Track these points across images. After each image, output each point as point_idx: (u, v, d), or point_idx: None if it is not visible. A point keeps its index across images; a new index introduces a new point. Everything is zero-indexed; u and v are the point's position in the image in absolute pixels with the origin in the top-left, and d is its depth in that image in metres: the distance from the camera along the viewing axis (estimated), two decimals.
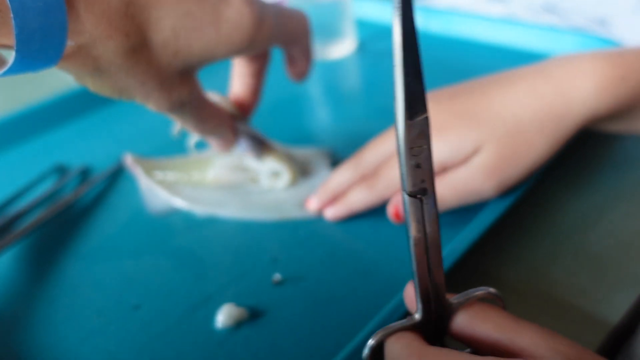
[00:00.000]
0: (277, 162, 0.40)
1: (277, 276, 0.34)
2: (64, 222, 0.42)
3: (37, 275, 0.37)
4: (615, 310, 0.30)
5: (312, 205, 0.39)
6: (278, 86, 0.59)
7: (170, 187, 0.43)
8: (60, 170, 0.49)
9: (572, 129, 0.33)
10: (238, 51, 0.30)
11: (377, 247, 0.36)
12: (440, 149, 0.33)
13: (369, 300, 0.32)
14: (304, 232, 0.38)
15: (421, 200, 0.21)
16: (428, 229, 0.21)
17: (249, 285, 0.34)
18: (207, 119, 0.34)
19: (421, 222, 0.21)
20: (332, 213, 0.38)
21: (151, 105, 0.30)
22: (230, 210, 0.40)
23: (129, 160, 0.45)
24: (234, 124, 0.38)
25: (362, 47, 0.68)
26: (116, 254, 0.38)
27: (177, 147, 0.50)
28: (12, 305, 0.35)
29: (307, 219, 0.39)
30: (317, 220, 0.39)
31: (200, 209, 0.41)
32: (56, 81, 0.80)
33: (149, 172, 0.44)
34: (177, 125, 0.40)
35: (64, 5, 0.23)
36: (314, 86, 0.60)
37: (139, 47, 0.27)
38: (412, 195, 0.21)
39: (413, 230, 0.21)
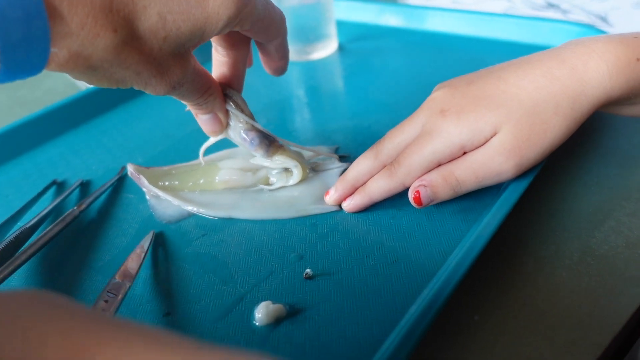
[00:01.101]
0: (287, 158, 0.40)
1: (308, 271, 0.34)
2: (72, 236, 0.40)
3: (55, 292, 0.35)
4: (622, 312, 0.29)
5: (331, 197, 0.39)
6: (265, 90, 0.59)
7: (178, 194, 0.42)
8: (55, 185, 0.47)
9: (587, 110, 0.33)
10: (227, 26, 0.30)
11: (400, 235, 0.36)
12: (459, 132, 0.34)
13: (404, 288, 0.32)
14: (325, 227, 0.38)
15: None
16: None
17: (280, 282, 0.34)
18: (204, 91, 0.34)
19: None
20: (352, 204, 0.38)
21: (150, 91, 0.31)
22: (245, 212, 0.40)
23: (131, 170, 0.44)
24: (227, 104, 0.37)
25: (342, 47, 0.69)
26: None
27: (169, 157, 0.50)
28: None
29: (324, 213, 0.39)
30: (335, 214, 0.39)
31: (214, 214, 0.40)
32: (52, 81, 0.77)
33: (153, 180, 0.43)
34: None
35: (44, 12, 0.23)
36: (303, 87, 0.60)
37: (129, 40, 0.27)
38: None
39: None
